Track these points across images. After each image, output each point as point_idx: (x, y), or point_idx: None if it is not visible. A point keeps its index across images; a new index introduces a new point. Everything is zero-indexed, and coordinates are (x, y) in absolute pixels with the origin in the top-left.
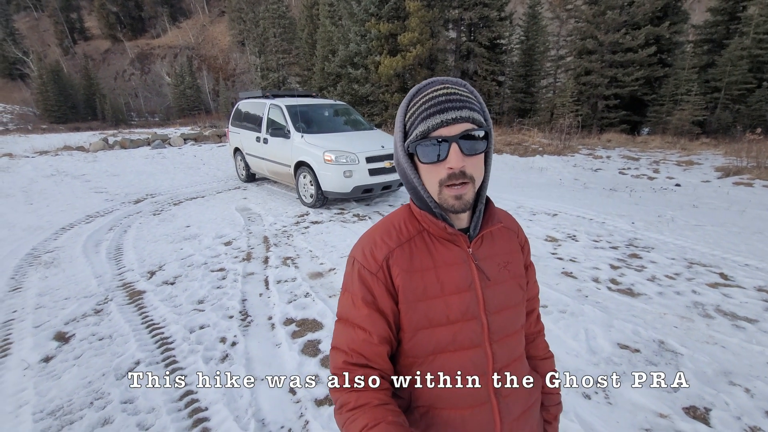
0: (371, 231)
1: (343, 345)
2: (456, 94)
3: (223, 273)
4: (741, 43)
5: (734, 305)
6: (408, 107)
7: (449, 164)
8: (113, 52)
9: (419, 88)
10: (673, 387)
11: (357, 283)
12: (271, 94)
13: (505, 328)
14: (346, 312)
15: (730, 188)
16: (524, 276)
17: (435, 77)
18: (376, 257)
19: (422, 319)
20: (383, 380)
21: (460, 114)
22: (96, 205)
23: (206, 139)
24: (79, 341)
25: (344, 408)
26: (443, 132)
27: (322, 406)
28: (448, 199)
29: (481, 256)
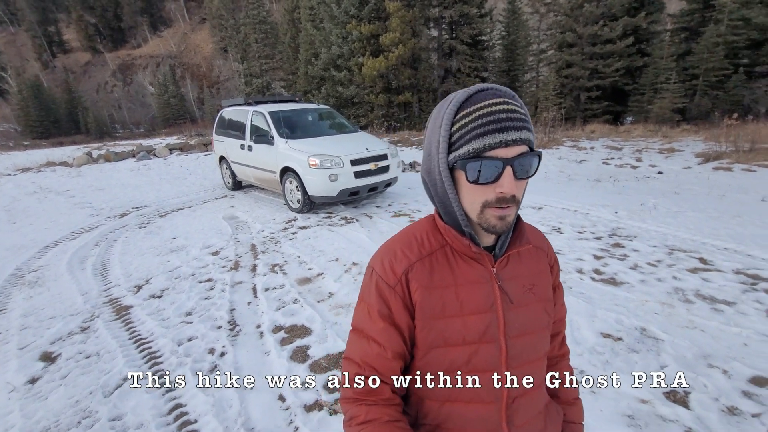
0: (392, 241)
1: (356, 357)
2: (516, 111)
3: (211, 283)
4: (716, 30)
5: (713, 289)
6: (456, 116)
7: (501, 188)
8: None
9: (470, 94)
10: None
11: (374, 295)
12: (254, 100)
13: (526, 354)
14: (362, 323)
15: (710, 173)
16: (551, 299)
17: (485, 84)
18: (395, 270)
19: (437, 338)
20: (394, 395)
21: (519, 135)
22: (81, 221)
23: (192, 149)
24: (65, 360)
25: (353, 421)
26: (500, 153)
27: (312, 411)
28: (491, 219)
29: (505, 276)
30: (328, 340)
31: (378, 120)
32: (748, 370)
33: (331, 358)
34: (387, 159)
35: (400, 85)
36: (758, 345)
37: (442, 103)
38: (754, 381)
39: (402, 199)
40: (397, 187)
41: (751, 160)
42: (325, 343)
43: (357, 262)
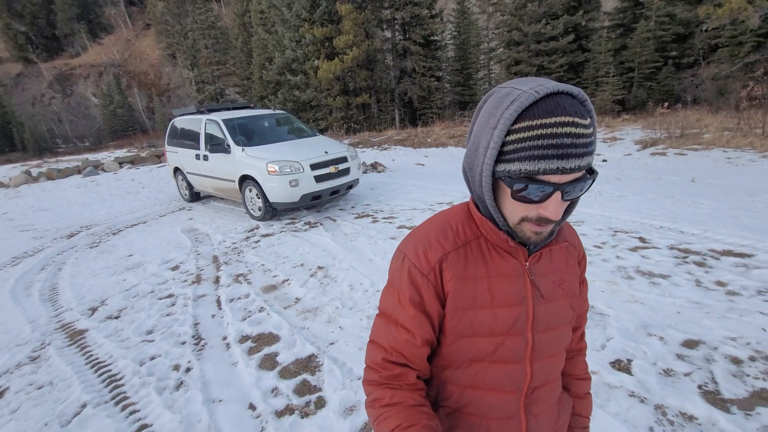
0: (425, 228)
1: (384, 341)
2: (583, 135)
3: (172, 299)
4: (646, 26)
5: (651, 264)
6: (516, 124)
7: (546, 212)
8: (27, 75)
9: (536, 99)
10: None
11: (406, 282)
12: (207, 108)
13: (550, 348)
14: (391, 309)
15: (648, 159)
16: (577, 295)
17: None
18: (430, 258)
19: (466, 328)
20: (419, 380)
21: (579, 164)
22: (23, 245)
23: (144, 161)
24: (14, 394)
25: (377, 402)
26: (553, 179)
27: (283, 416)
28: (527, 232)
29: (537, 271)
30: (297, 345)
31: (337, 122)
32: (680, 335)
33: (300, 363)
34: (347, 161)
35: (357, 87)
36: (689, 312)
37: (502, 99)
38: (686, 344)
39: (364, 201)
40: (359, 188)
41: (682, 145)
42: (294, 348)
43: (322, 265)
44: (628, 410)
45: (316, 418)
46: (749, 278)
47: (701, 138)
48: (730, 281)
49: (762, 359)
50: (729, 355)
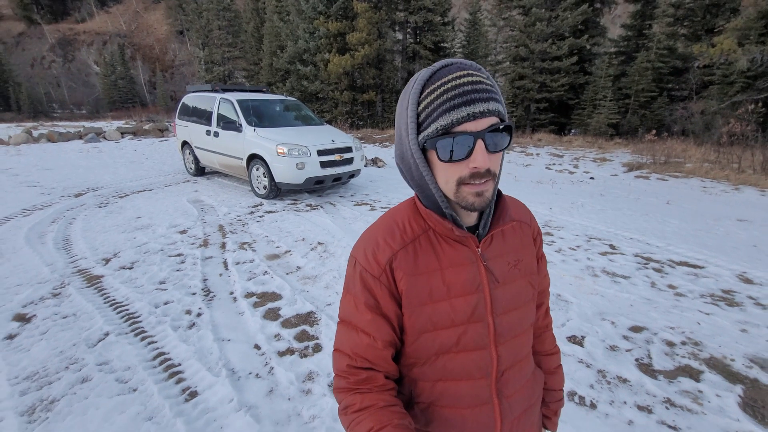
0: (373, 230)
1: (347, 349)
2: (481, 82)
3: (182, 258)
4: (647, 57)
5: (615, 267)
6: (422, 95)
7: (474, 163)
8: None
9: (433, 71)
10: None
11: (359, 287)
12: (221, 88)
13: (513, 329)
14: (349, 315)
15: (632, 180)
16: (536, 272)
17: (448, 59)
18: (379, 260)
19: (426, 323)
20: (388, 381)
21: (487, 107)
22: (31, 199)
23: (147, 133)
24: (42, 320)
25: (349, 409)
26: (468, 127)
27: (284, 356)
28: (468, 197)
29: (490, 255)
30: (297, 303)
31: (342, 116)
32: (629, 322)
33: (300, 317)
34: (351, 151)
35: (364, 84)
36: (640, 305)
37: (408, 84)
38: (633, 329)
39: (364, 191)
40: (359, 179)
41: (664, 171)
42: (295, 305)
43: (322, 241)
44: (576, 372)
45: (313, 358)
46: (696, 284)
47: (683, 167)
48: (680, 285)
49: (691, 344)
50: (666, 339)
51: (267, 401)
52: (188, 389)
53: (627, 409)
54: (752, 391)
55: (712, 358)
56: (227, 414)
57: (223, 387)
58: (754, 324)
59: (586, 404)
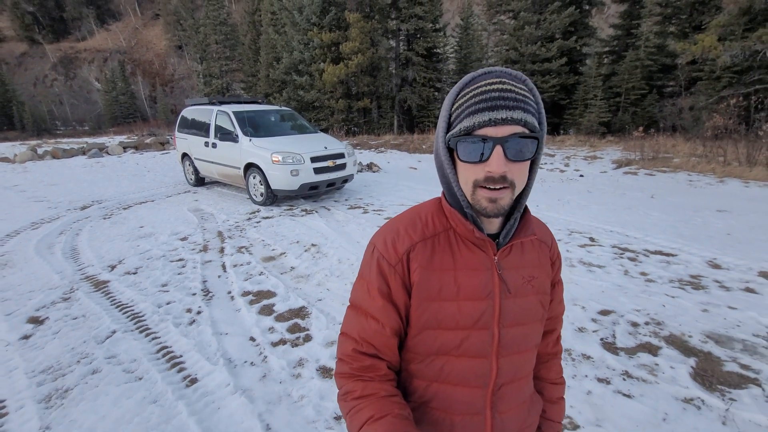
0: (396, 220)
1: (354, 333)
2: (512, 91)
3: (183, 262)
4: (636, 55)
5: (592, 258)
6: (456, 97)
7: (489, 167)
8: (31, 55)
9: (473, 77)
10: None
11: (374, 273)
12: (218, 100)
13: (517, 344)
14: (360, 300)
15: (620, 177)
16: (548, 293)
17: (493, 67)
18: (397, 249)
19: (431, 319)
20: (390, 371)
21: (511, 114)
22: (39, 213)
23: (148, 147)
24: (54, 321)
25: (349, 395)
26: (489, 132)
27: (277, 346)
28: (481, 201)
29: (506, 265)
30: (290, 299)
31: (338, 124)
32: (599, 306)
33: (292, 311)
34: (344, 157)
35: (359, 92)
36: (611, 291)
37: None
38: (601, 312)
39: (357, 195)
40: (353, 184)
41: (652, 166)
42: (288, 301)
43: (315, 243)
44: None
45: (303, 347)
46: (667, 271)
47: (671, 162)
48: (651, 272)
49: (654, 324)
50: (631, 321)
51: (260, 385)
52: (189, 377)
53: (587, 382)
54: (704, 363)
55: (671, 335)
56: (224, 396)
57: (221, 374)
58: (716, 305)
59: None
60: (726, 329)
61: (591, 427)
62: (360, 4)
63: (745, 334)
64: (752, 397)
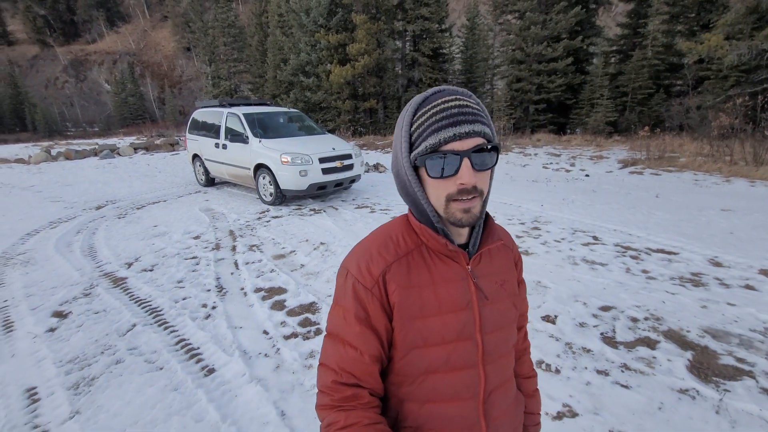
0: (367, 243)
1: (333, 363)
2: (468, 106)
3: (196, 260)
4: (643, 54)
5: (595, 256)
6: (414, 117)
7: (461, 180)
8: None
9: (426, 97)
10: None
11: (350, 298)
12: (228, 102)
13: (499, 348)
14: (337, 328)
15: (626, 176)
16: (518, 294)
17: (441, 86)
18: (372, 272)
19: (417, 338)
20: (373, 398)
21: (473, 128)
22: (56, 213)
23: (158, 148)
24: (77, 315)
25: (332, 427)
26: (455, 146)
27: (289, 339)
28: (456, 213)
29: (479, 273)
30: (301, 295)
31: (345, 125)
32: (600, 302)
33: (303, 307)
34: (351, 158)
35: (365, 93)
36: (613, 288)
37: (405, 108)
38: (602, 308)
39: (364, 195)
40: (360, 184)
41: (658, 166)
42: (299, 297)
43: (324, 242)
44: (545, 344)
45: (315, 340)
46: (668, 269)
47: (677, 161)
48: (652, 270)
49: (653, 320)
50: (631, 316)
51: (274, 375)
52: (206, 367)
53: (587, 373)
54: (701, 356)
55: (669, 330)
56: (241, 385)
57: (237, 364)
58: (715, 301)
59: (551, 370)
60: (724, 324)
61: (589, 415)
62: (366, 6)
63: (743, 329)
64: (746, 389)
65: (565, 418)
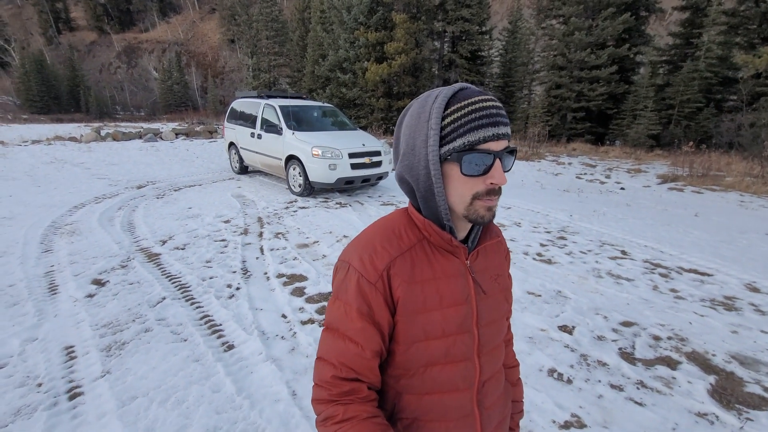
0: (368, 236)
1: (332, 358)
2: (502, 108)
3: (225, 243)
4: (694, 66)
5: (622, 270)
6: (446, 111)
7: (494, 179)
8: (99, 44)
9: (455, 91)
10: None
11: (352, 293)
12: (265, 94)
13: (493, 340)
14: (337, 322)
15: (664, 192)
16: (510, 289)
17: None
18: (376, 266)
19: (419, 332)
20: (371, 392)
21: (507, 130)
22: (101, 189)
23: (197, 135)
24: (114, 285)
25: (329, 421)
26: (492, 146)
27: (306, 324)
28: (480, 210)
29: (477, 269)
30: (321, 284)
31: (377, 122)
32: (621, 317)
33: (322, 295)
34: (380, 155)
35: (400, 92)
36: (636, 305)
37: (425, 100)
38: (623, 324)
39: (391, 192)
40: (387, 182)
41: (701, 184)
42: (318, 285)
43: (347, 235)
44: (559, 354)
45: None
46: (699, 290)
47: (722, 180)
48: (682, 290)
49: (677, 340)
50: (653, 334)
51: (289, 356)
52: (227, 343)
53: (600, 386)
54: (725, 381)
55: (693, 352)
56: (257, 363)
57: (255, 343)
58: (747, 327)
59: (563, 380)
60: (754, 352)
61: (598, 428)
62: (407, 5)
63: None
64: None
65: (572, 428)
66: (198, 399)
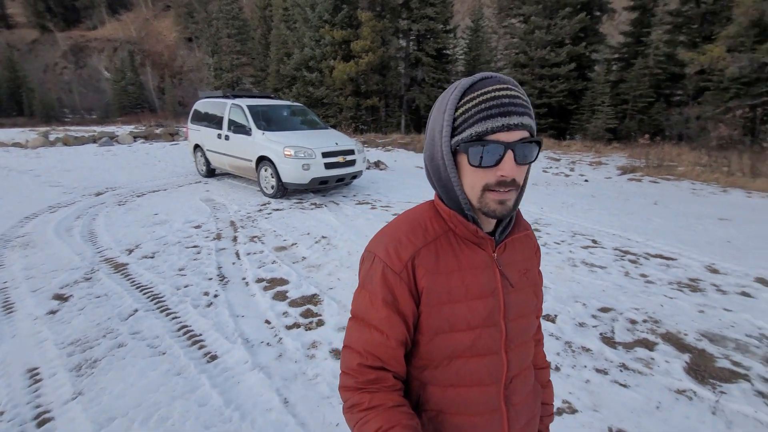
0: (394, 228)
1: (358, 346)
2: (518, 97)
3: (198, 249)
4: (644, 63)
5: (594, 259)
6: (460, 101)
7: (502, 171)
8: (42, 42)
9: (474, 81)
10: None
11: (378, 282)
12: (231, 94)
13: (521, 335)
14: (363, 311)
15: (624, 183)
16: (539, 284)
17: (488, 72)
18: (401, 256)
19: (443, 323)
20: (396, 381)
21: (521, 120)
22: (55, 198)
23: (158, 137)
24: (78, 299)
25: (356, 408)
26: (501, 137)
27: (292, 329)
28: (490, 203)
29: (504, 262)
30: (303, 287)
31: (346, 121)
32: (599, 304)
33: (305, 298)
34: (354, 154)
35: (368, 90)
36: (612, 291)
37: (447, 91)
38: (601, 309)
39: (365, 191)
40: (361, 180)
41: (657, 174)
42: (300, 288)
43: (325, 236)
44: (545, 342)
45: (317, 331)
46: (666, 274)
47: (675, 170)
48: (651, 274)
49: (651, 322)
50: (629, 318)
51: (277, 363)
52: (209, 353)
53: (586, 372)
54: (698, 359)
55: (667, 332)
56: (243, 372)
57: (239, 352)
58: (712, 306)
59: (551, 368)
60: (720, 329)
61: (589, 411)
62: (372, 3)
63: (739, 335)
64: (741, 391)
65: (564, 414)
66: (183, 414)
